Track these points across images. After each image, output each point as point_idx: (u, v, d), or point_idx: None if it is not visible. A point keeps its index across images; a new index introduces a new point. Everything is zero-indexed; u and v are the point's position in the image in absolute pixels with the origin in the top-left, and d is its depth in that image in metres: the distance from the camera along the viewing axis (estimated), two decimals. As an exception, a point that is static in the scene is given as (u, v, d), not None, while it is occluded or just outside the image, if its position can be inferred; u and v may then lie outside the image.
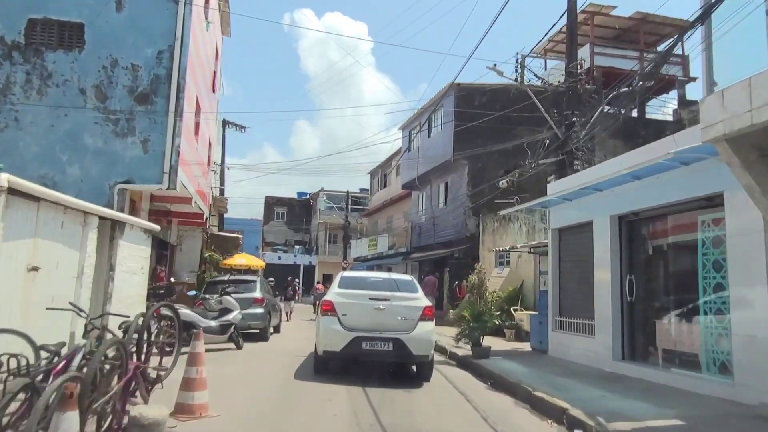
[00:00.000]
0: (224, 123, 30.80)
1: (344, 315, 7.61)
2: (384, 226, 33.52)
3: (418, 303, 7.89)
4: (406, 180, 25.96)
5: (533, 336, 11.99)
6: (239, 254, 19.94)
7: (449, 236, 21.85)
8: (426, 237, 24.26)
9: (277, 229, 54.04)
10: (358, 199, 46.00)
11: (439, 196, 23.30)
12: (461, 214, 20.80)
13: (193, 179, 14.11)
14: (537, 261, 16.03)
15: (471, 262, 20.61)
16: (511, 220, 17.64)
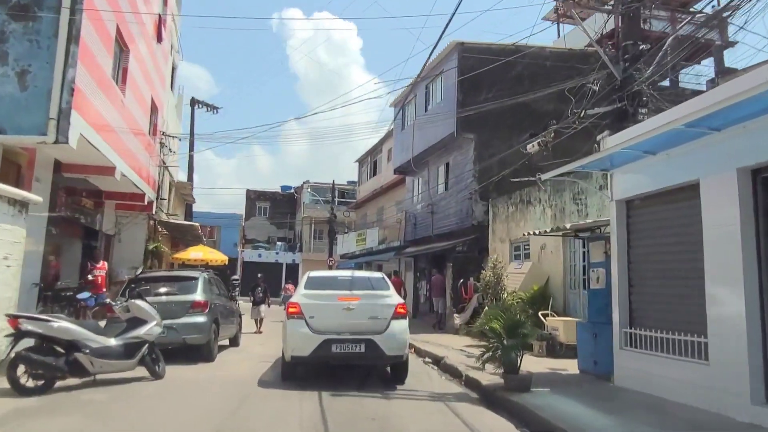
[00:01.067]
0: (193, 103, 27.44)
1: (312, 317, 7.18)
2: (374, 219, 30.07)
3: (389, 301, 7.55)
4: (399, 163, 22.52)
5: (583, 353, 8.57)
6: (195, 247, 16.34)
7: (451, 226, 18.45)
8: (423, 228, 20.85)
9: (260, 225, 50.35)
10: (346, 192, 42.48)
11: (438, 180, 19.89)
12: (466, 200, 17.40)
13: (118, 144, 10.57)
14: (567, 251, 12.68)
15: (478, 257, 17.22)
16: (531, 202, 14.25)
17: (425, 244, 20.68)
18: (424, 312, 21.62)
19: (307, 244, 42.04)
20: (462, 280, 16.26)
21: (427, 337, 14.55)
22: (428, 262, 21.60)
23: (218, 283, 11.00)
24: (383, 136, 28.73)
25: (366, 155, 31.93)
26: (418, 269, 22.64)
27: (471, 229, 17.35)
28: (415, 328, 18.47)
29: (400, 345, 7.31)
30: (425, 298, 21.73)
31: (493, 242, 16.24)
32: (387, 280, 8.53)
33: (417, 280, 22.75)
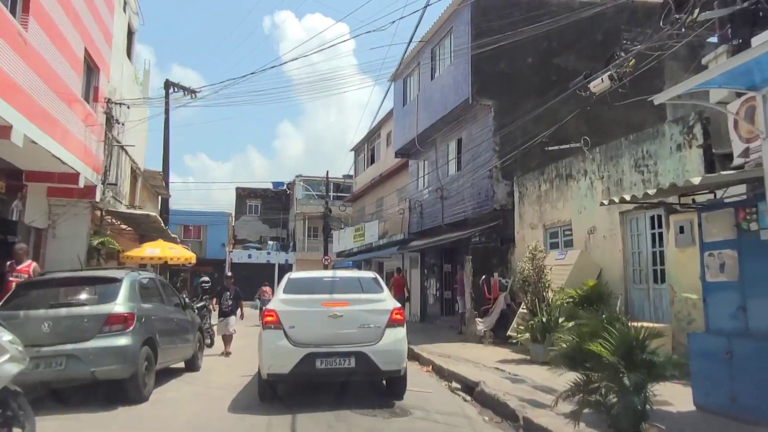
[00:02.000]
0: (167, 85, 24.45)
1: (292, 327, 6.06)
2: (373, 212, 27.10)
3: (383, 305, 6.45)
4: (402, 144, 19.55)
5: (702, 382, 5.58)
6: (153, 242, 13.33)
7: (466, 213, 15.50)
8: (431, 217, 17.89)
9: (251, 225, 47.41)
10: (341, 185, 39.52)
11: (448, 160, 16.94)
12: (484, 180, 14.46)
13: (19, 97, 7.60)
14: (627, 235, 9.76)
15: (501, 248, 14.27)
16: (573, 176, 11.31)
17: (434, 236, 17.73)
18: (434, 315, 18.68)
19: (300, 242, 39.06)
20: (484, 277, 13.32)
21: (447, 347, 11.62)
22: (438, 257, 18.65)
23: (163, 287, 7.99)
24: (381, 119, 25.77)
25: (362, 142, 28.98)
26: (426, 265, 19.69)
27: (491, 214, 14.42)
28: (426, 334, 15.52)
29: (397, 357, 6.27)
30: (435, 299, 18.78)
31: (520, 229, 13.29)
32: (380, 280, 7.33)
33: (425, 277, 19.80)
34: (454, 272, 17.25)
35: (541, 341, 8.94)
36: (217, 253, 37.41)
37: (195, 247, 37.73)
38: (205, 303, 12.34)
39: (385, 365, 6.09)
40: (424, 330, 16.44)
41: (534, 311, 9.42)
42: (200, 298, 12.35)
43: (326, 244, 30.87)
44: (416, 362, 10.87)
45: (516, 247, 13.38)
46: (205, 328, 11.95)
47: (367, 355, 6.01)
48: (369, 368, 6.04)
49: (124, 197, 15.36)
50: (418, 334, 15.01)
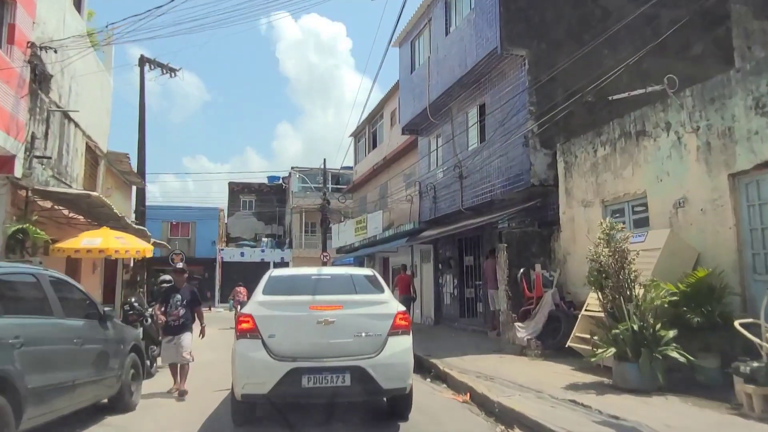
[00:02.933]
0: (143, 62, 21.74)
1: (272, 336, 5.01)
2: (376, 201, 24.29)
3: (384, 309, 5.32)
4: (410, 117, 16.70)
5: None
6: (93, 231, 10.41)
7: (492, 193, 12.69)
8: (447, 202, 15.07)
9: (245, 221, 44.53)
10: (341, 177, 36.70)
11: (468, 130, 14.10)
12: (517, 151, 11.63)
13: None
14: (741, 206, 6.98)
15: (542, 233, 11.48)
16: (646, 133, 8.49)
17: (451, 223, 14.92)
18: (452, 316, 15.87)
19: (297, 239, 36.25)
20: (522, 270, 10.51)
21: (482, 361, 8.89)
22: (456, 248, 15.81)
23: (59, 291, 5.05)
24: (384, 97, 22.98)
25: (363, 125, 26.14)
26: (441, 259, 16.87)
27: (527, 193, 11.62)
28: (448, 342, 12.31)
29: (402, 372, 5.11)
30: (453, 298, 15.97)
31: (567, 208, 10.47)
32: (379, 278, 6.14)
33: (439, 273, 16.98)
34: (477, 266, 14.44)
35: (634, 359, 6.13)
36: (208, 252, 34.65)
37: (183, 246, 34.93)
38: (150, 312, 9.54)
39: (387, 382, 5.05)
40: (442, 336, 13.65)
41: (615, 315, 6.60)
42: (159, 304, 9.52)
43: (325, 239, 28.06)
44: (443, 384, 8.09)
45: (562, 231, 10.57)
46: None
47: (366, 370, 4.98)
48: (368, 386, 5.01)
49: (74, 180, 12.54)
50: (436, 342, 12.23)
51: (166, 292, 7.79)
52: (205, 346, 12.16)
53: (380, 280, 6.09)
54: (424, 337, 13.50)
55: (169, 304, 7.52)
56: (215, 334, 16.01)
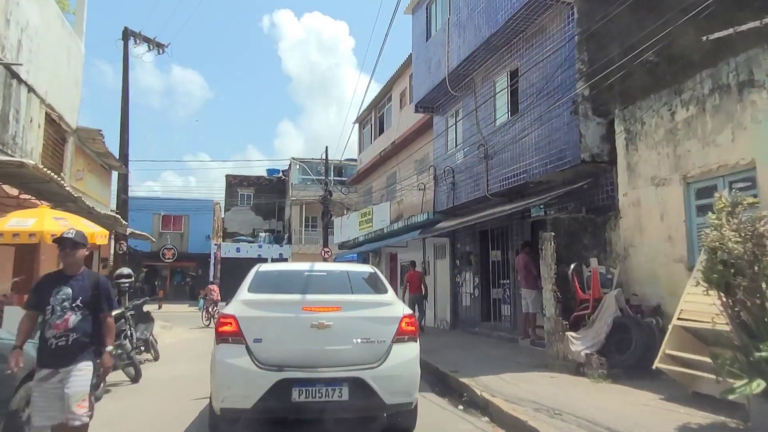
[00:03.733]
0: (127, 35, 19.85)
1: (258, 341, 4.35)
2: (383, 191, 22.19)
3: (389, 311, 4.69)
4: (425, 92, 14.60)
5: None
6: (25, 211, 8.11)
7: (527, 173, 10.58)
8: (468, 188, 12.97)
9: (242, 216, 42.45)
10: (343, 168, 34.60)
11: (495, 102, 11.99)
12: (562, 120, 9.51)
13: None
14: None
15: (596, 220, 9.39)
16: (757, 83, 6.38)
17: (473, 213, 12.85)
18: (472, 320, 13.78)
19: (297, 234, 34.15)
20: (573, 266, 8.42)
21: (528, 380, 6.87)
22: (478, 241, 13.70)
23: None
24: (392, 76, 20.88)
25: (368, 110, 24.03)
26: (459, 254, 14.76)
27: (572, 173, 9.53)
28: (474, 352, 10.17)
29: (407, 385, 4.49)
30: (473, 298, 13.87)
31: (631, 189, 8.35)
32: (381, 276, 5.36)
33: (457, 271, 14.88)
34: (505, 261, 12.35)
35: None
36: (202, 247, 32.58)
37: (175, 240, 32.94)
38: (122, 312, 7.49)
39: (391, 396, 4.34)
40: (463, 343, 11.56)
41: (751, 328, 4.50)
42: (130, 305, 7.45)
43: (326, 233, 25.98)
44: (483, 417, 6.01)
45: (622, 218, 8.47)
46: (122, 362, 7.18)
47: (367, 381, 4.29)
48: (368, 401, 4.31)
49: (26, 155, 10.47)
50: (458, 352, 10.17)
51: (41, 285, 4.01)
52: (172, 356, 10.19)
53: (382, 278, 5.36)
54: (441, 344, 11.41)
55: (50, 308, 3.83)
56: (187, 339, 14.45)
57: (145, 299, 10.18)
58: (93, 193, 15.40)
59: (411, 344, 4.67)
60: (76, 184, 14.09)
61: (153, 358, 10.03)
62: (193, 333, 16.38)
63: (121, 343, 7.26)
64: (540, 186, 10.73)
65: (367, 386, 4.31)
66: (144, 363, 9.80)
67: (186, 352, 11.59)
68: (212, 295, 18.78)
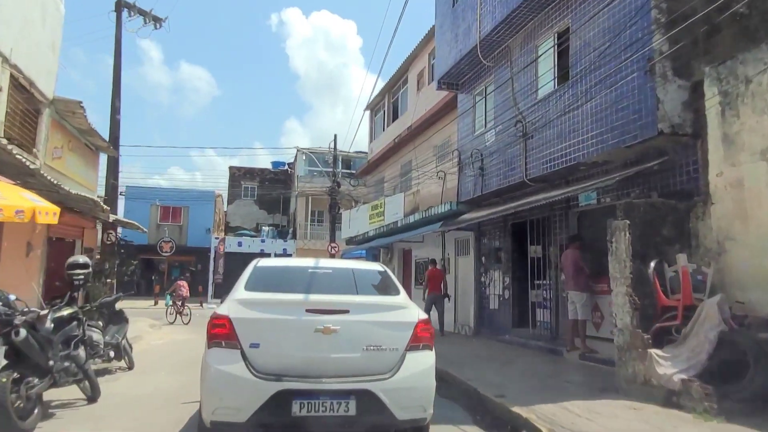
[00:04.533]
0: (120, 5, 18.32)
1: (255, 346, 3.89)
2: (396, 181, 20.43)
3: (402, 315, 4.23)
4: (451, 64, 12.80)
5: None
6: None
7: (580, 151, 8.78)
8: (501, 173, 11.20)
9: (245, 210, 40.88)
10: (352, 161, 32.86)
11: (537, 70, 10.20)
12: (630, 84, 7.69)
13: None
14: None
15: (677, 207, 7.54)
16: None
17: (505, 202, 11.08)
18: (501, 325, 11.99)
19: (302, 228, 32.44)
20: (654, 264, 6.62)
21: (609, 417, 5.04)
22: (509, 235, 11.90)
23: None
24: (408, 57, 19.10)
25: (381, 95, 22.27)
26: (486, 250, 12.96)
27: (641, 150, 7.73)
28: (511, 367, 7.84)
29: (422, 398, 4.02)
30: (502, 301, 12.08)
31: (728, 166, 6.53)
32: (392, 276, 4.93)
33: (482, 269, 13.08)
34: (544, 258, 10.56)
35: None
36: (202, 241, 30.93)
37: (174, 233, 31.30)
38: (74, 312, 5.78)
39: (403, 411, 3.88)
40: (496, 354, 9.79)
41: None
42: (67, 301, 5.73)
43: (333, 228, 24.31)
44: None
45: (714, 204, 6.66)
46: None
47: (377, 395, 3.81)
48: (378, 416, 3.84)
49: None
50: (494, 365, 8.44)
51: None
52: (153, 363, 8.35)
53: (394, 278, 4.94)
54: (469, 354, 9.67)
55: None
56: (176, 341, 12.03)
57: (118, 296, 8.51)
58: (75, 175, 13.73)
59: (426, 353, 4.21)
60: (53, 163, 12.43)
61: (126, 367, 8.35)
62: (184, 333, 14.69)
63: (69, 354, 5.53)
64: (593, 169, 8.96)
65: (376, 400, 3.87)
66: (115, 372, 8.13)
67: (170, 358, 9.89)
68: (181, 291, 18.21)
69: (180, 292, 18.17)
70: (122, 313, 8.24)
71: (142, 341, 12.01)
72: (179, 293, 18.20)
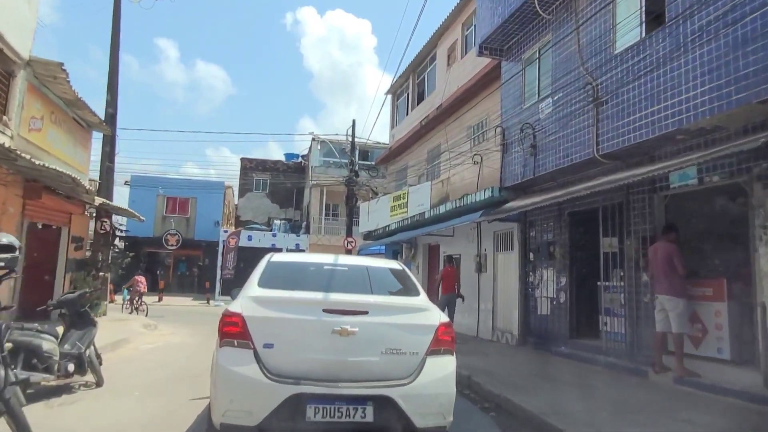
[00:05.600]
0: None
1: (269, 346, 3.72)
2: (420, 170, 18.46)
3: (423, 318, 4.04)
4: (499, 22, 10.79)
5: None
6: None
7: (685, 116, 6.75)
8: (560, 150, 9.21)
9: (257, 203, 39.20)
10: (370, 152, 30.96)
11: (615, 16, 8.15)
12: (765, 17, 5.68)
13: None
14: None
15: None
16: None
17: (562, 186, 9.09)
18: (550, 335, 10.00)
19: (316, 222, 30.62)
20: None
21: None
22: (565, 227, 9.89)
23: None
24: (437, 31, 17.12)
25: (404, 77, 20.31)
26: (535, 244, 10.95)
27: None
28: (584, 392, 5.50)
29: (443, 405, 3.84)
30: (557, 306, 10.07)
31: None
32: (411, 275, 4.72)
33: (531, 267, 11.08)
34: (619, 254, 8.53)
35: None
36: (209, 234, 29.24)
37: (180, 226, 29.66)
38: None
39: (422, 419, 3.69)
40: (559, 372, 7.81)
41: None
42: None
43: (350, 221, 22.43)
44: None
45: None
46: None
47: (395, 401, 3.64)
48: (396, 423, 3.65)
49: None
50: (564, 389, 6.41)
51: None
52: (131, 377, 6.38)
53: (413, 277, 4.69)
54: (524, 373, 7.69)
55: None
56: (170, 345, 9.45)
57: (84, 292, 6.68)
58: (58, 152, 12.00)
59: (448, 357, 3.99)
60: (30, 136, 10.71)
61: (94, 383, 6.53)
62: (182, 335, 12.89)
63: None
64: (694, 139, 6.96)
65: (395, 406, 3.66)
66: (77, 391, 6.31)
67: (155, 370, 8.05)
68: (138, 287, 17.70)
69: (137, 288, 17.70)
70: (88, 315, 6.42)
71: (128, 345, 10.21)
72: (136, 288, 17.71)
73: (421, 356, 3.87)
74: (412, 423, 3.69)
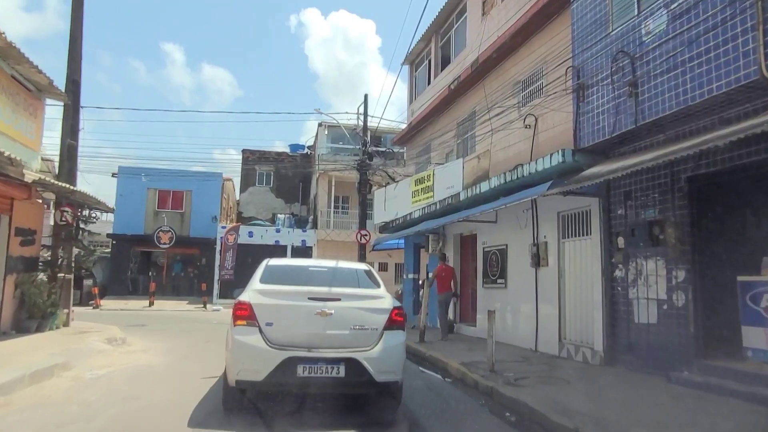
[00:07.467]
0: None
1: (269, 324, 5.25)
2: (447, 147, 15.46)
3: (380, 304, 5.61)
4: None
5: None
6: None
7: None
8: (684, 82, 6.18)
9: (260, 198, 36.34)
10: (382, 138, 27.97)
11: None
12: None
13: None
14: None
15: None
16: None
17: (683, 138, 6.10)
18: (653, 350, 6.96)
19: (323, 216, 27.69)
20: None
21: None
22: (677, 199, 6.87)
23: None
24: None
25: (425, 40, 17.32)
26: (626, 227, 7.90)
27: None
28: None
29: (394, 365, 5.43)
30: (664, 310, 7.05)
31: None
32: (375, 274, 6.41)
33: (617, 258, 8.06)
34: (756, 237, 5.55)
35: None
36: (206, 230, 26.41)
37: (175, 221, 26.87)
38: None
39: (380, 375, 5.23)
40: (695, 419, 4.80)
41: None
42: None
43: (363, 210, 19.52)
44: None
45: None
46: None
47: (361, 362, 5.17)
48: (362, 378, 5.19)
49: None
50: None
51: None
52: None
53: (376, 275, 6.32)
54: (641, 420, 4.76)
55: None
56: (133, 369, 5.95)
57: None
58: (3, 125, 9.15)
59: (399, 332, 5.51)
60: None
61: None
62: (151, 354, 9.98)
63: None
64: None
65: (360, 365, 5.12)
66: None
67: (88, 422, 5.13)
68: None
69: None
70: None
71: (64, 374, 7.31)
72: None
73: (380, 331, 5.36)
74: (373, 378, 5.14)
